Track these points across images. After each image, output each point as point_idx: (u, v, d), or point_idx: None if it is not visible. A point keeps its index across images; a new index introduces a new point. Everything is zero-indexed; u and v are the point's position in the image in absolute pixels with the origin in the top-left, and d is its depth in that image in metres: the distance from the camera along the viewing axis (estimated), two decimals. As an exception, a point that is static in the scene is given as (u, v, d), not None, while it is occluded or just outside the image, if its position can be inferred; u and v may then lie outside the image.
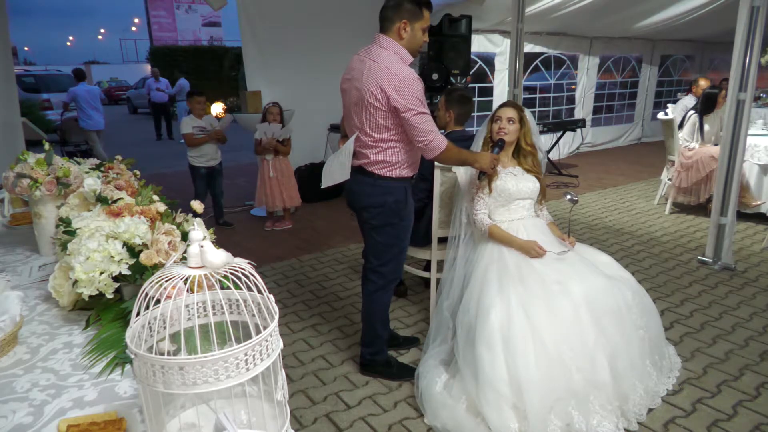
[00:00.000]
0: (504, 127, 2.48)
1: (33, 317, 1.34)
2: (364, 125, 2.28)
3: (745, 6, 3.57)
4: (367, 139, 2.30)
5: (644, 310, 2.33)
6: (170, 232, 1.31)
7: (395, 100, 2.14)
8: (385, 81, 2.14)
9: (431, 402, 2.28)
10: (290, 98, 5.70)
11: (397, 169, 2.33)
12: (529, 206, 2.53)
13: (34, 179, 1.69)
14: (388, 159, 2.30)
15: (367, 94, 2.19)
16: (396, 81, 2.13)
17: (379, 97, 2.16)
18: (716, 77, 7.93)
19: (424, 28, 2.26)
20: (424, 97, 2.20)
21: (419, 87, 2.17)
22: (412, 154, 2.36)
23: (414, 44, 2.26)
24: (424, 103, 2.18)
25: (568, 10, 6.65)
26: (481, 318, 2.18)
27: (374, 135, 2.27)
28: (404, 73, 2.15)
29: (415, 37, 2.25)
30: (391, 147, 2.29)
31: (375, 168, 2.33)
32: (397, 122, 2.21)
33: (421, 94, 2.17)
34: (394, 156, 2.30)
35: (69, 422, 0.91)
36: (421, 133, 2.18)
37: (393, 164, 2.32)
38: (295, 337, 3.04)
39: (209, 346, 0.83)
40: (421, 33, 2.26)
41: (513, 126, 2.48)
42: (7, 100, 4.29)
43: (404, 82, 2.13)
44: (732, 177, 3.80)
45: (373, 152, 2.31)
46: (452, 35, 5.17)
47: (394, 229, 2.41)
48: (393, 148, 2.29)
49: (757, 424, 2.21)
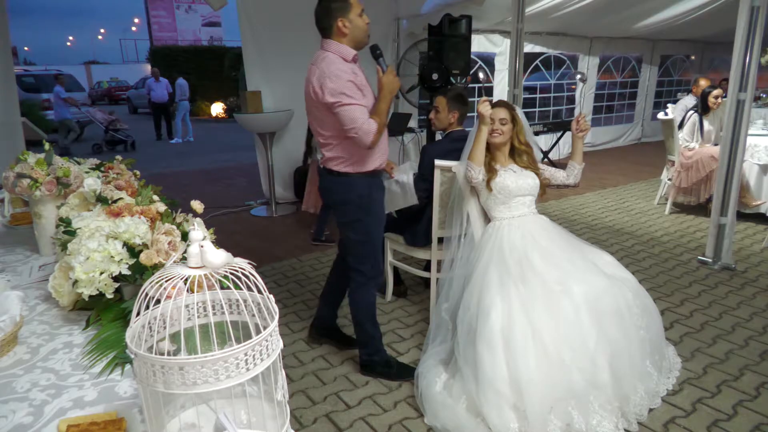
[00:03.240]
0: (497, 128, 2.48)
1: (33, 317, 1.34)
2: (315, 125, 2.41)
3: (745, 6, 3.57)
4: (320, 138, 2.41)
5: (645, 310, 2.32)
6: (170, 232, 1.31)
7: (325, 96, 2.24)
8: (319, 80, 2.26)
9: (431, 402, 2.28)
10: (290, 98, 5.69)
11: (354, 163, 2.38)
12: (529, 203, 2.53)
13: (34, 179, 1.68)
14: (341, 154, 2.38)
15: (311, 96, 2.33)
16: (325, 78, 2.24)
17: (318, 97, 2.27)
18: (716, 77, 7.93)
19: (359, 12, 2.32)
20: (355, 89, 2.25)
21: (345, 80, 2.23)
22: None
23: (359, 33, 2.33)
24: (351, 94, 2.23)
25: (568, 10, 6.65)
26: (481, 318, 2.18)
27: (324, 133, 2.37)
28: (330, 69, 2.25)
29: (357, 26, 2.32)
30: (340, 143, 2.36)
31: (333, 165, 2.40)
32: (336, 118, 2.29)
33: (347, 88, 2.23)
34: (345, 151, 2.36)
35: (69, 422, 0.91)
36: (348, 122, 2.24)
37: (347, 159, 2.38)
38: (295, 337, 3.04)
39: (209, 346, 0.83)
40: (360, 18, 2.33)
41: (506, 126, 2.49)
42: (7, 100, 4.29)
43: (331, 78, 2.22)
44: (732, 177, 3.80)
45: (328, 150, 2.40)
46: (452, 35, 5.16)
47: (361, 225, 2.44)
48: (343, 144, 2.36)
49: (757, 424, 2.21)
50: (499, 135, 2.49)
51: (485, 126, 2.44)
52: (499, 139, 2.50)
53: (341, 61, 2.29)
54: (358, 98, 2.24)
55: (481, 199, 2.60)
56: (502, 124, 2.48)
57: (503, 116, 2.48)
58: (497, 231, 2.48)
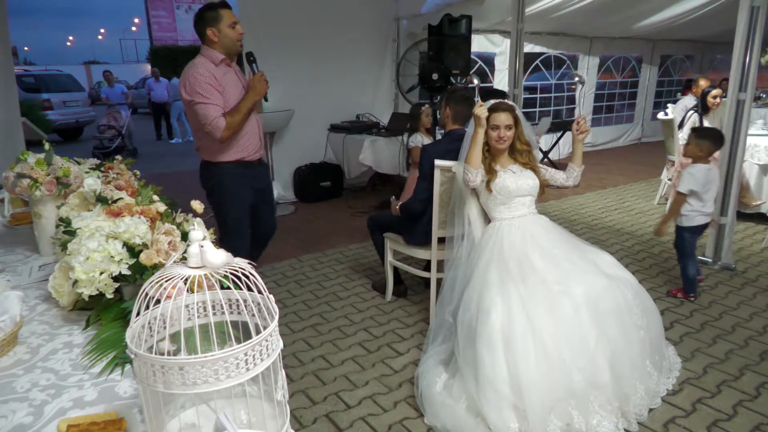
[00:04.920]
0: (503, 135, 2.47)
1: (33, 317, 1.34)
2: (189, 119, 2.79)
3: (745, 6, 3.57)
4: (191, 129, 2.86)
5: (645, 310, 2.32)
6: (170, 232, 1.31)
7: (184, 94, 2.60)
8: (182, 79, 2.62)
9: (431, 402, 2.28)
10: (290, 98, 5.69)
11: (213, 154, 2.72)
12: (529, 203, 2.53)
13: (34, 179, 1.68)
14: (202, 144, 2.74)
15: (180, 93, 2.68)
16: (185, 79, 2.59)
17: (182, 94, 2.63)
18: (716, 77, 7.93)
19: (230, 23, 2.63)
20: (211, 90, 2.57)
21: (201, 80, 2.55)
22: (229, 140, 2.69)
23: (228, 42, 2.65)
24: (205, 94, 2.55)
25: (568, 10, 6.64)
26: (481, 318, 2.18)
27: (192, 125, 2.75)
28: (191, 71, 2.58)
29: (226, 35, 2.63)
30: (203, 135, 2.69)
31: (202, 154, 2.78)
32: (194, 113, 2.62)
33: (200, 87, 2.55)
34: (205, 142, 2.71)
35: (69, 422, 0.90)
36: (201, 118, 2.58)
37: (207, 149, 2.73)
38: (295, 337, 3.04)
39: (209, 346, 0.83)
40: (230, 29, 2.63)
41: (510, 131, 2.48)
42: (7, 100, 4.29)
43: (189, 79, 2.57)
44: (732, 177, 3.80)
45: (196, 140, 2.79)
46: (452, 35, 5.16)
47: (219, 210, 2.81)
48: (203, 135, 2.68)
49: (757, 424, 2.21)
50: (505, 141, 2.48)
51: (481, 128, 2.44)
52: (505, 145, 2.49)
53: (209, 63, 2.62)
54: (212, 98, 2.56)
55: (481, 200, 2.60)
56: (508, 129, 2.47)
57: (509, 122, 2.46)
58: (497, 231, 2.47)
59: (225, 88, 2.63)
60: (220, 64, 2.65)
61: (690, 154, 3.30)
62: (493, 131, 2.47)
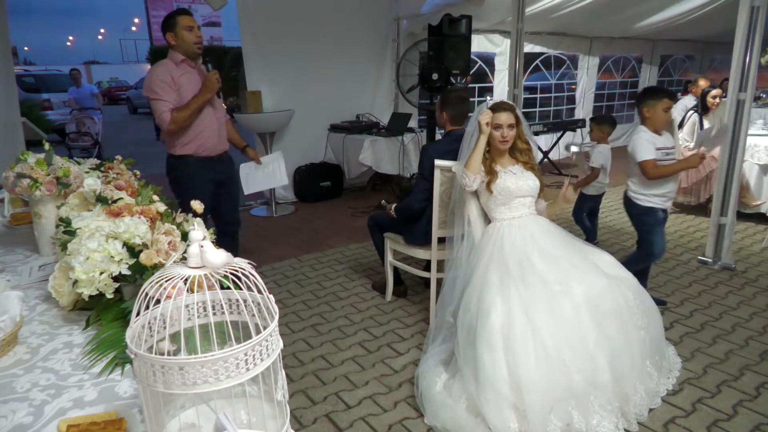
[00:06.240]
0: (506, 135, 2.47)
1: (33, 317, 1.34)
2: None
3: (745, 6, 3.57)
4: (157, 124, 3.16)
5: (645, 310, 2.32)
6: (170, 232, 1.31)
7: (143, 91, 2.91)
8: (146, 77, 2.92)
9: (431, 402, 2.28)
10: (290, 98, 5.70)
11: (175, 146, 2.97)
12: (529, 204, 2.53)
13: (34, 179, 1.68)
14: (167, 139, 2.97)
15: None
16: (146, 77, 2.90)
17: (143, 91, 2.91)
18: (716, 77, 7.93)
19: (186, 28, 2.86)
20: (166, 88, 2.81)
21: (156, 79, 2.81)
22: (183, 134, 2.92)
23: (186, 44, 2.88)
24: (158, 91, 2.81)
25: (568, 10, 6.64)
26: (481, 318, 2.18)
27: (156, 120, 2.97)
28: (151, 70, 2.90)
29: (183, 39, 2.87)
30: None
31: (167, 147, 3.03)
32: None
33: (155, 84, 2.81)
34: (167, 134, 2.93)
35: (69, 422, 0.90)
36: (154, 113, 2.88)
37: (169, 142, 2.97)
38: (295, 337, 3.04)
39: (209, 346, 0.83)
40: (187, 33, 2.86)
41: (513, 131, 2.48)
42: (7, 100, 4.29)
43: (148, 76, 2.88)
44: (732, 177, 3.80)
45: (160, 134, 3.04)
46: (452, 35, 5.16)
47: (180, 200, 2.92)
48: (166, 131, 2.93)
49: (757, 424, 2.21)
50: (508, 141, 2.48)
51: (484, 136, 2.43)
52: (508, 145, 2.49)
53: (170, 64, 2.88)
54: (162, 94, 2.80)
55: (481, 201, 2.60)
56: (510, 129, 2.47)
57: (511, 122, 2.46)
58: (497, 232, 2.47)
59: (182, 87, 2.85)
60: (181, 64, 2.89)
61: (595, 137, 4.15)
62: (496, 131, 2.46)
